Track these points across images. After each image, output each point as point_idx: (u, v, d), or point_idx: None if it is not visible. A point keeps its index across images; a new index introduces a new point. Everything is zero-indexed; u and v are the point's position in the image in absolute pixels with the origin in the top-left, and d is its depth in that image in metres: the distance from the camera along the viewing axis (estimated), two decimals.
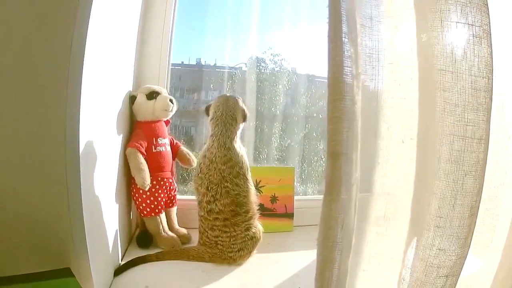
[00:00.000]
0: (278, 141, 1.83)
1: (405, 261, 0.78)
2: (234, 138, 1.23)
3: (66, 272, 0.86)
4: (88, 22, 0.80)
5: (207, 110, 1.29)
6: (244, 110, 1.27)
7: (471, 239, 0.76)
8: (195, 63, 1.87)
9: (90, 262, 0.86)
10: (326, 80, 0.67)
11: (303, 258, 1.27)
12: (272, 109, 1.84)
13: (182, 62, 1.85)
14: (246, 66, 1.82)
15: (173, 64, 1.83)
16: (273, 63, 1.86)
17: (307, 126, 1.87)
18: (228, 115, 1.23)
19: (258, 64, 1.84)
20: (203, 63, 1.87)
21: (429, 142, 0.74)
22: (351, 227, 0.72)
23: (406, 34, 0.79)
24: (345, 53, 0.65)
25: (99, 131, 0.97)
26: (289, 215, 1.48)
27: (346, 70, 0.65)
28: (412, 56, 0.79)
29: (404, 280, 0.78)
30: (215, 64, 1.86)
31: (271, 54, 1.84)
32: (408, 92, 0.79)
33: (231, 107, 1.24)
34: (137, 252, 1.21)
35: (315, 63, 1.83)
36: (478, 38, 0.70)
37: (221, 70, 1.84)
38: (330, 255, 0.70)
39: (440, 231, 0.73)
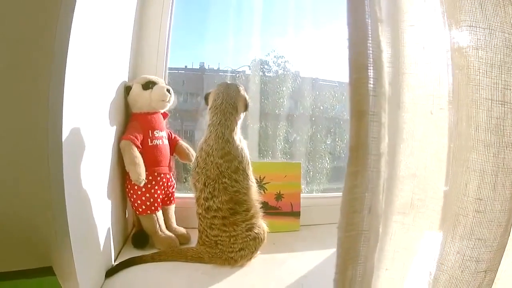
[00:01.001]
0: (283, 141, 1.69)
1: (436, 257, 0.61)
2: (234, 129, 1.07)
3: (47, 271, 0.77)
4: (73, 8, 0.72)
5: (206, 98, 1.13)
6: (245, 99, 1.12)
7: (510, 227, 0.60)
8: (198, 67, 1.74)
9: (75, 261, 0.76)
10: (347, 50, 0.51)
11: (310, 259, 1.12)
12: (276, 111, 1.70)
13: (186, 66, 1.74)
14: (249, 69, 1.70)
15: (176, 69, 1.75)
16: (277, 66, 1.73)
17: (313, 127, 1.74)
18: (229, 104, 1.07)
19: (261, 67, 1.71)
20: (206, 67, 1.74)
21: (462, 111, 0.58)
22: (379, 211, 0.55)
23: None
24: None
25: (88, 123, 0.86)
26: (295, 214, 1.30)
27: (368, 10, 0.49)
28: (436, 15, 0.64)
29: (436, 279, 0.61)
30: (218, 68, 1.74)
31: (275, 57, 1.71)
32: (433, 55, 0.64)
33: (232, 95, 1.08)
34: (132, 253, 1.07)
35: (319, 66, 1.71)
36: None
37: (224, 73, 1.72)
38: (355, 248, 0.53)
39: (479, 217, 0.57)
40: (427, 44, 0.64)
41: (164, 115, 1.17)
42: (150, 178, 1.09)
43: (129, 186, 1.09)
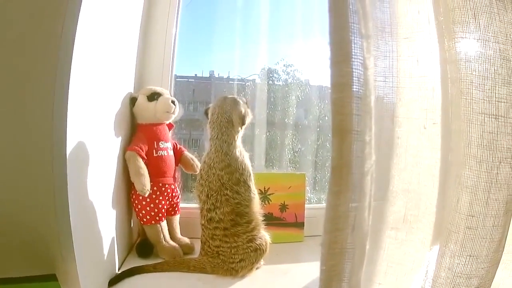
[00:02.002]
0: (291, 150, 1.67)
1: (428, 272, 0.59)
2: (232, 142, 1.05)
3: (50, 278, 0.75)
4: (77, 20, 0.72)
5: (206, 113, 1.12)
6: (241, 112, 1.08)
7: (505, 242, 0.58)
8: (208, 76, 1.73)
9: (78, 269, 0.76)
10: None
11: (313, 269, 1.04)
12: (286, 120, 1.67)
13: (196, 74, 1.74)
14: (259, 78, 1.68)
15: (186, 77, 1.75)
16: (286, 74, 1.71)
17: (320, 137, 1.70)
18: (224, 118, 1.06)
19: (271, 75, 1.69)
20: (216, 75, 1.73)
21: (455, 125, 0.57)
22: (364, 229, 0.53)
23: (422, 2, 0.63)
24: (350, 7, 0.48)
25: (93, 133, 0.87)
26: (299, 225, 1.28)
27: (352, 27, 0.48)
28: (430, 28, 0.63)
29: None
30: (228, 76, 1.72)
31: (284, 65, 1.69)
32: (427, 68, 0.62)
33: (226, 110, 1.07)
34: (137, 262, 1.07)
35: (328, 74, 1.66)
36: (502, 3, 0.56)
37: (234, 82, 1.69)
38: (338, 265, 0.52)
39: (471, 233, 0.55)
40: (422, 57, 0.63)
41: (170, 126, 1.17)
42: (155, 188, 1.09)
43: (134, 196, 1.09)
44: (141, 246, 1.12)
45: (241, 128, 1.08)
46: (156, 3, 1.25)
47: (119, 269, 1.03)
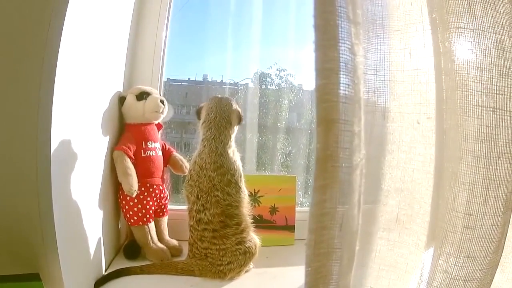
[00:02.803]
0: (283, 153, 1.63)
1: (423, 275, 0.54)
2: (227, 143, 1.01)
3: (33, 277, 0.72)
4: (64, 17, 0.69)
5: (198, 113, 1.07)
6: (239, 112, 1.06)
7: (504, 242, 0.53)
8: (201, 80, 1.69)
9: (62, 268, 0.73)
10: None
11: (303, 273, 1.02)
12: (278, 124, 1.63)
13: (189, 78, 1.70)
14: (252, 82, 1.63)
15: (179, 81, 1.71)
16: (279, 78, 1.67)
17: (312, 141, 1.65)
18: (223, 118, 1.02)
19: (263, 80, 1.65)
20: (209, 79, 1.69)
21: (451, 119, 0.52)
22: (354, 228, 0.48)
23: None
24: None
25: (80, 132, 0.83)
26: (290, 228, 1.22)
27: (339, 11, 0.43)
28: (423, 19, 0.58)
29: None
30: (221, 80, 1.67)
31: (277, 69, 1.65)
32: (421, 61, 0.58)
33: (225, 109, 1.03)
34: (124, 264, 1.01)
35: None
36: None
37: (226, 86, 1.65)
38: (325, 266, 0.46)
39: (469, 233, 0.50)
40: (414, 50, 0.59)
41: (159, 126, 1.12)
42: (143, 189, 1.03)
43: (121, 197, 1.04)
44: (129, 248, 1.06)
45: (236, 128, 1.05)
46: (146, 7, 1.21)
47: (105, 271, 0.98)
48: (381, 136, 0.58)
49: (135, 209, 1.03)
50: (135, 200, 1.02)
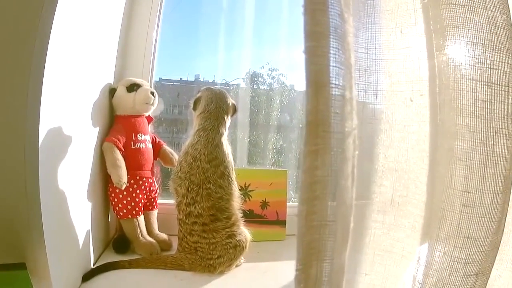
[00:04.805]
0: (275, 153, 1.59)
1: (421, 259, 0.50)
2: (223, 133, 0.98)
3: (19, 267, 0.69)
4: (55, 7, 0.66)
5: (195, 103, 1.03)
6: (234, 104, 1.03)
7: (504, 223, 0.49)
8: (193, 80, 1.65)
9: (49, 260, 0.69)
10: None
11: (294, 268, 0.98)
12: (270, 123, 1.60)
13: (181, 78, 1.66)
14: (243, 81, 1.60)
15: (171, 81, 1.68)
16: (271, 78, 1.63)
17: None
18: (222, 109, 0.99)
19: (255, 79, 1.62)
20: (201, 79, 1.64)
21: (444, 94, 0.48)
22: (347, 200, 0.43)
23: None
24: None
25: (69, 122, 0.79)
26: (281, 223, 1.17)
27: None
28: None
29: (420, 283, 0.49)
30: (213, 80, 1.63)
31: (269, 69, 1.61)
32: (412, 39, 0.54)
33: (224, 101, 1.00)
34: (113, 257, 0.96)
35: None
36: None
37: (218, 86, 1.59)
38: (319, 241, 0.42)
39: (468, 212, 0.46)
40: (406, 28, 0.55)
41: (149, 119, 1.07)
42: (132, 181, 0.98)
43: (111, 189, 0.99)
44: (118, 242, 1.01)
45: (230, 119, 1.03)
46: (137, 6, 1.17)
47: (94, 264, 0.93)
48: (373, 115, 0.54)
49: (124, 201, 0.98)
50: (124, 193, 0.98)
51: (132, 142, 1.00)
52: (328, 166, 0.38)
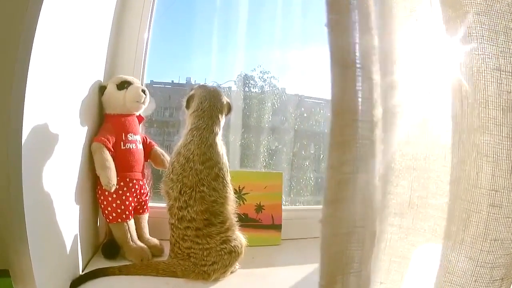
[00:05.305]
0: (266, 157, 1.54)
1: (442, 265, 0.44)
2: (218, 133, 0.92)
3: (2, 274, 0.68)
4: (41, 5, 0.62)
5: (188, 101, 0.97)
6: (229, 102, 0.97)
7: None
8: (185, 82, 1.59)
9: (34, 267, 0.65)
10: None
11: (291, 274, 0.94)
12: (261, 125, 1.55)
13: (172, 81, 1.61)
14: (235, 84, 1.55)
15: (163, 83, 1.61)
16: (262, 81, 1.58)
17: (297, 144, 1.59)
18: (216, 107, 0.93)
19: (247, 82, 1.57)
20: (193, 82, 1.58)
21: (468, 85, 0.44)
22: (375, 202, 0.37)
23: None
24: None
25: (55, 121, 0.74)
26: (277, 227, 1.12)
27: None
28: None
29: None
30: (205, 83, 1.57)
31: (261, 72, 1.57)
32: (428, 25, 0.50)
33: (218, 99, 0.94)
34: (103, 263, 0.90)
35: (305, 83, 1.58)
36: None
37: None
38: (345, 251, 0.36)
39: (495, 212, 0.41)
40: (422, 16, 0.51)
41: (140, 118, 1.01)
42: (122, 184, 0.92)
43: (99, 192, 0.92)
44: (107, 247, 0.95)
45: (224, 118, 0.97)
46: (128, 9, 1.12)
47: (82, 271, 0.87)
48: (390, 108, 0.49)
49: (114, 205, 0.91)
50: (114, 196, 0.91)
51: (122, 143, 0.93)
52: (356, 161, 0.32)
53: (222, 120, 0.95)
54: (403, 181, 0.49)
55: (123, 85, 0.95)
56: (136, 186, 0.95)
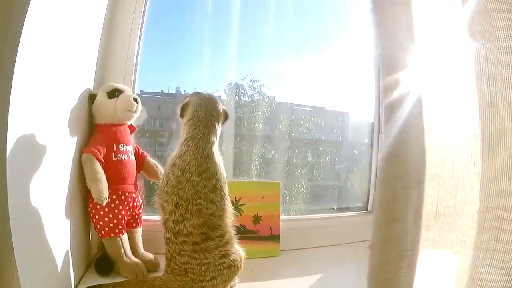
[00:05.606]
0: (258, 166, 1.50)
1: (473, 278, 0.41)
2: (214, 142, 0.87)
3: None
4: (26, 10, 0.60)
5: (183, 109, 0.91)
6: (225, 110, 0.92)
7: None
8: (174, 92, 1.55)
9: (23, 286, 0.60)
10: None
11: (291, 286, 0.92)
12: (252, 133, 1.52)
13: (162, 91, 1.57)
14: (225, 93, 1.51)
15: (152, 93, 1.58)
16: (252, 89, 1.56)
17: (288, 152, 1.56)
18: (212, 115, 0.87)
19: (237, 91, 1.54)
20: (182, 91, 1.54)
21: (496, 85, 0.41)
22: (422, 219, 0.33)
23: None
24: None
25: (42, 131, 0.70)
26: (275, 238, 1.08)
27: None
28: None
29: None
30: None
31: (250, 80, 1.54)
32: (452, 23, 0.47)
33: (214, 106, 0.89)
34: (96, 280, 0.85)
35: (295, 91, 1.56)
36: None
37: None
38: (394, 279, 0.31)
39: None
40: (440, 22, 0.48)
41: (132, 128, 0.96)
42: (114, 196, 0.87)
43: (91, 205, 0.87)
44: (100, 262, 0.89)
45: (221, 127, 0.92)
46: (117, 20, 1.09)
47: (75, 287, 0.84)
48: (416, 113, 0.45)
49: (106, 219, 0.86)
50: (106, 209, 0.86)
51: (113, 153, 0.89)
52: (410, 172, 0.28)
53: (219, 128, 0.90)
54: (429, 189, 0.45)
55: (114, 93, 0.90)
56: (129, 199, 0.91)
